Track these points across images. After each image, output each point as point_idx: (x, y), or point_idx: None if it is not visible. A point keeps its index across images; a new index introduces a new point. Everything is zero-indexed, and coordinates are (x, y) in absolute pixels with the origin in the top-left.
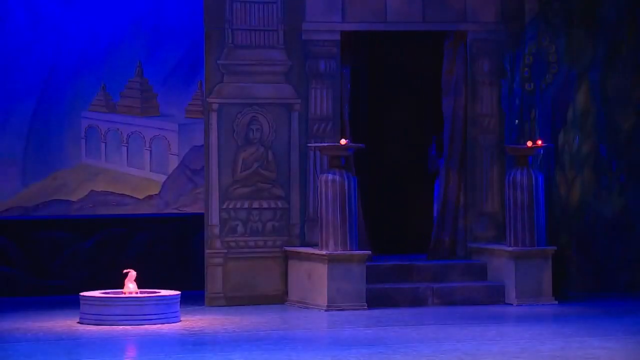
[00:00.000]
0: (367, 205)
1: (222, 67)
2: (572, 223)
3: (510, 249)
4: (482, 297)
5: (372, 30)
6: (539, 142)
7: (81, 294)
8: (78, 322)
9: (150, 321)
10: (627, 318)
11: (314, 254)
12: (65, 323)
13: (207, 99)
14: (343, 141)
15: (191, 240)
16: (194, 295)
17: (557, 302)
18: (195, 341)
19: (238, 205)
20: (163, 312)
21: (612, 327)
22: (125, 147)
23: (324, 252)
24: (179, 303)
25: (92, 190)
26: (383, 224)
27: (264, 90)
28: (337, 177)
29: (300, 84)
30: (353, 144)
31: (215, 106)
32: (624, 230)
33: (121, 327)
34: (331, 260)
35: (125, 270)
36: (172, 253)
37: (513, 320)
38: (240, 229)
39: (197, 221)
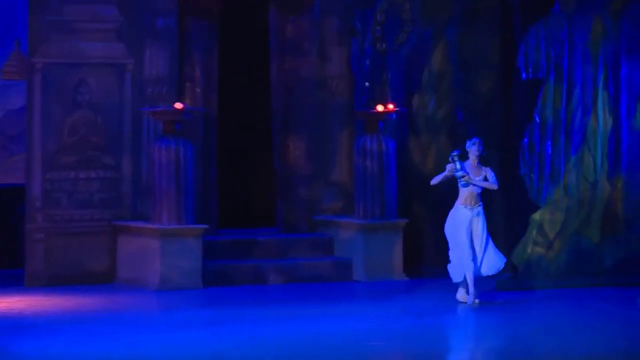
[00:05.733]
0: (216, 176)
1: (48, 24)
2: (426, 193)
3: (358, 221)
4: (328, 274)
5: None
6: (391, 105)
7: None
8: None
9: None
10: (483, 293)
11: (145, 228)
12: None
13: (31, 59)
14: (179, 105)
15: (8, 215)
16: (12, 275)
17: (408, 279)
18: (14, 324)
19: (63, 175)
20: None
21: (465, 305)
22: None
23: (156, 226)
24: None
25: None
26: (230, 196)
27: (94, 49)
28: (172, 145)
29: (134, 43)
30: (190, 108)
31: (39, 66)
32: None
33: None
34: (164, 234)
35: None
36: None
37: (362, 298)
38: (64, 201)
39: (15, 193)
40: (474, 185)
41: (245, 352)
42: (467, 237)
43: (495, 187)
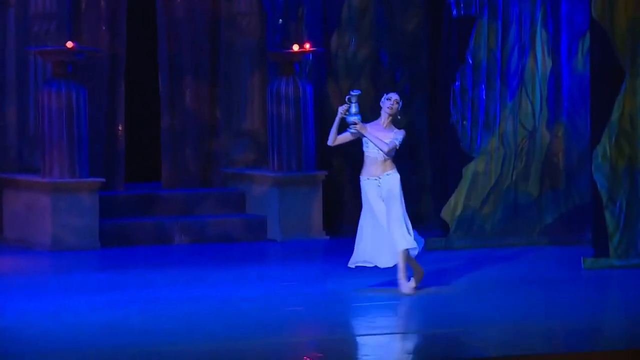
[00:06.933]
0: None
1: None
2: (346, 143)
3: (273, 174)
4: (240, 233)
5: None
6: (308, 45)
7: None
8: None
9: None
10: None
11: (34, 182)
12: None
13: None
14: (70, 44)
15: None
16: None
17: (328, 237)
18: None
19: None
20: None
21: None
22: None
23: (46, 180)
24: None
25: None
26: (139, 148)
27: None
28: (63, 89)
29: None
30: (83, 47)
31: None
32: (408, 152)
33: None
34: (55, 189)
35: None
36: None
37: (277, 259)
38: None
39: None
40: (367, 139)
41: (146, 319)
42: (377, 216)
43: (385, 148)
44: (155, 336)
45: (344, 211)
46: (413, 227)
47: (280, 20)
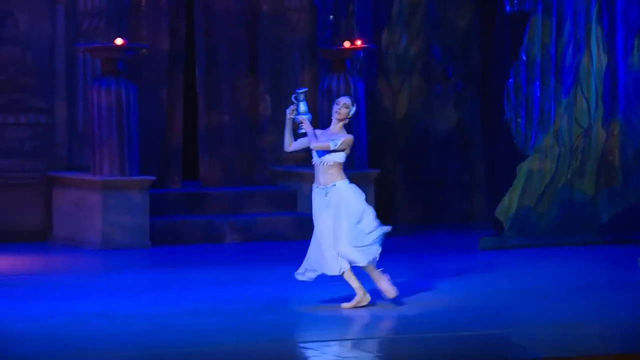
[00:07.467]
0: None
1: None
2: (398, 141)
3: None
4: (291, 231)
5: None
6: (359, 42)
7: None
8: None
9: None
10: (456, 254)
11: (84, 180)
12: None
13: None
14: (119, 40)
15: None
16: None
17: None
18: None
19: None
20: None
21: (443, 265)
22: None
23: (96, 178)
24: None
25: None
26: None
27: None
28: (113, 86)
29: None
30: (134, 44)
31: None
32: (460, 150)
33: None
34: (106, 187)
35: None
36: None
37: None
38: None
39: None
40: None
41: (196, 318)
42: (324, 228)
43: (312, 144)
44: (205, 336)
45: (396, 210)
46: (465, 226)
47: (331, 16)
